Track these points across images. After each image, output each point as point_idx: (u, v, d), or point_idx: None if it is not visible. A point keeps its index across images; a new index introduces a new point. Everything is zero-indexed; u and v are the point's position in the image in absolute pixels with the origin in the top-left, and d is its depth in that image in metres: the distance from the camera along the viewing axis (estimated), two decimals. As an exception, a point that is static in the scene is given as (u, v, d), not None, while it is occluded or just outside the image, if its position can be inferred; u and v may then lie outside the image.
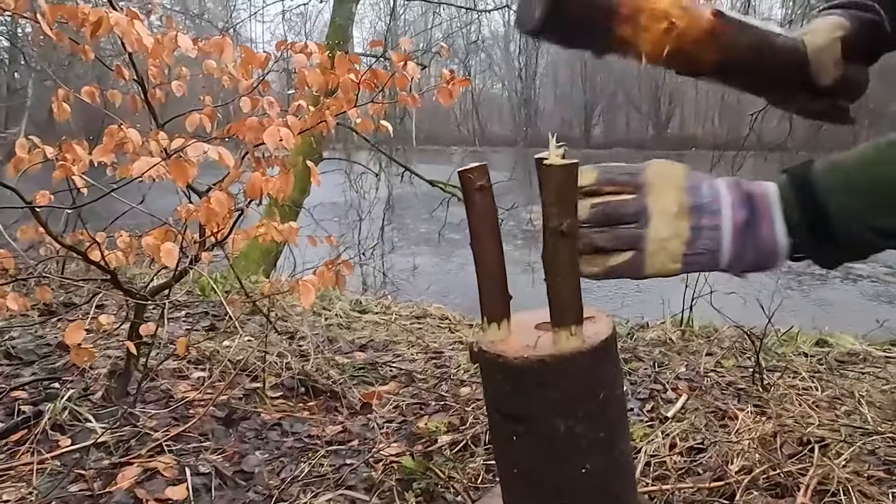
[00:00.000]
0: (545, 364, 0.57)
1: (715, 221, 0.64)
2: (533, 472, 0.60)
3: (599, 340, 0.59)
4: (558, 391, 0.57)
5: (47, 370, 2.21)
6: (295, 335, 2.95)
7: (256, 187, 1.67)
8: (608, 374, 0.60)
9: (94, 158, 1.57)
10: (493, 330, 0.62)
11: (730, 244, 0.64)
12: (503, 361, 0.58)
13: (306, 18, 15.75)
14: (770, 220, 0.64)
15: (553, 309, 0.59)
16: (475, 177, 0.61)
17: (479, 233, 0.62)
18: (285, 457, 1.76)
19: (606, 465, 0.59)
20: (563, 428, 0.56)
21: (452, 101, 2.03)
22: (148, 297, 1.78)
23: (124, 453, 1.68)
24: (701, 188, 0.65)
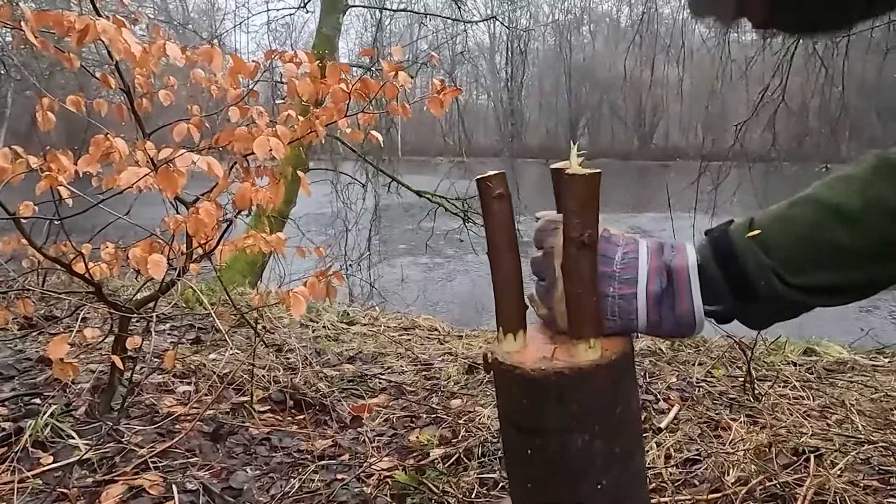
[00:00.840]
0: (563, 376, 0.55)
1: (627, 290, 0.63)
2: (547, 488, 0.58)
3: (617, 354, 0.58)
4: (576, 405, 0.55)
5: (28, 385, 2.16)
6: (283, 347, 2.91)
7: (246, 198, 1.64)
8: (625, 387, 0.59)
9: (79, 169, 1.54)
10: (509, 341, 0.60)
11: (644, 313, 0.63)
12: (520, 373, 0.56)
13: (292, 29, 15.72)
14: (688, 291, 0.63)
15: (572, 321, 0.57)
16: (493, 185, 0.60)
17: (496, 242, 0.61)
18: (275, 472, 1.72)
19: (621, 480, 0.58)
20: (580, 442, 0.55)
21: (443, 111, 2.03)
22: (133, 310, 1.74)
23: (109, 471, 1.63)
24: (614, 256, 0.64)
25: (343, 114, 1.89)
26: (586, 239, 0.55)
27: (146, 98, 1.87)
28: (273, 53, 2.06)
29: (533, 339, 0.62)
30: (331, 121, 1.89)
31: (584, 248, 0.56)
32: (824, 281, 0.60)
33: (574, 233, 0.55)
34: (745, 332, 2.64)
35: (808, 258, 0.60)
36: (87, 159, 1.51)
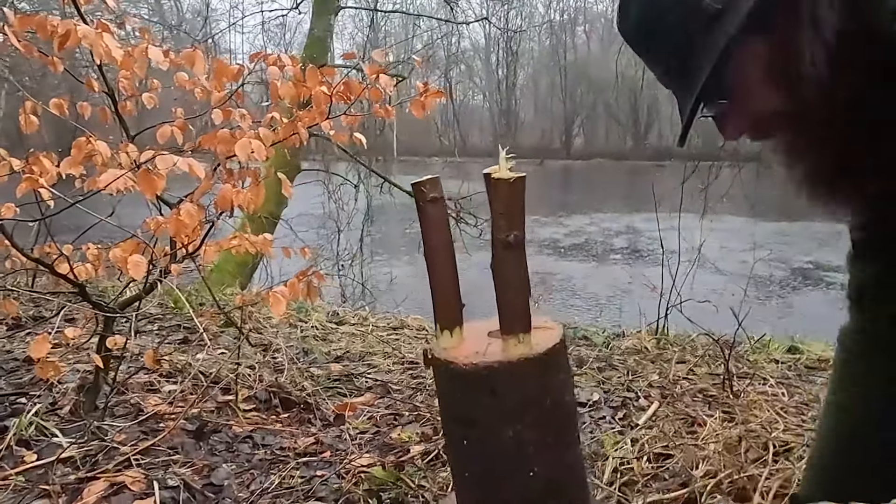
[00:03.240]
0: (493, 370, 0.58)
1: None
2: (482, 476, 0.61)
3: (547, 348, 0.61)
4: (506, 397, 0.58)
5: (14, 385, 2.18)
6: (269, 347, 2.93)
7: (227, 199, 1.67)
8: (555, 380, 0.62)
9: (62, 171, 1.56)
10: (445, 337, 0.63)
11: None
12: (454, 367, 0.59)
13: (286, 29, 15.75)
14: None
15: (502, 318, 0.60)
16: (428, 189, 0.63)
17: (432, 243, 0.63)
18: (255, 469, 1.75)
19: (555, 468, 0.61)
20: (512, 433, 0.57)
21: (425, 113, 2.05)
22: (116, 310, 1.76)
23: (91, 468, 1.65)
24: None
25: (325, 116, 1.92)
26: (511, 240, 0.58)
27: (130, 101, 1.89)
28: (258, 56, 2.08)
29: (470, 334, 0.64)
30: (313, 123, 1.91)
31: (510, 249, 0.58)
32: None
33: (500, 234, 0.58)
34: (726, 330, 2.67)
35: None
36: (70, 161, 1.53)
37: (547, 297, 7.17)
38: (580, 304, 7.47)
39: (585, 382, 2.41)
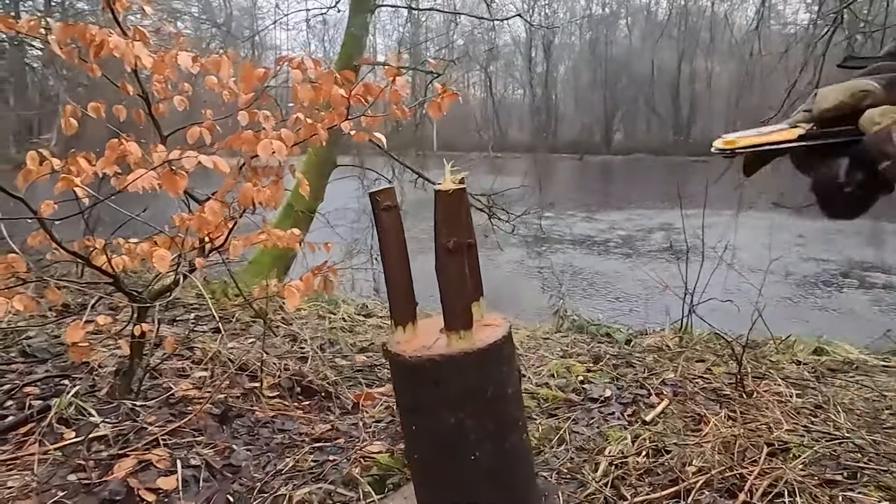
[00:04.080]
0: (436, 363, 0.64)
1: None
2: (428, 460, 0.68)
3: (488, 343, 0.67)
4: (447, 387, 0.64)
5: (59, 368, 2.34)
6: (297, 338, 3.05)
7: (248, 197, 1.77)
8: (496, 373, 0.67)
9: (97, 170, 1.68)
10: (399, 332, 0.70)
11: None
12: (402, 360, 0.66)
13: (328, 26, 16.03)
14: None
15: (445, 316, 0.66)
16: (382, 198, 0.69)
17: (387, 248, 0.70)
18: (272, 452, 1.85)
19: (496, 455, 0.66)
20: (454, 420, 0.63)
21: (441, 114, 2.11)
22: (147, 300, 1.89)
23: (122, 446, 1.78)
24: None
25: (343, 117, 2.00)
26: (451, 245, 0.64)
27: (162, 103, 2.01)
28: (283, 59, 2.18)
29: (424, 330, 0.71)
30: (332, 124, 1.99)
31: (451, 254, 0.64)
32: None
33: (442, 239, 0.64)
34: (741, 331, 2.65)
35: None
36: (104, 161, 1.65)
37: (574, 292, 7.15)
38: (608, 301, 7.42)
39: (600, 379, 2.44)
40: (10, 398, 2.03)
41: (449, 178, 0.65)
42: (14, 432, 1.82)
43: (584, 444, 1.79)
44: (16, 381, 2.17)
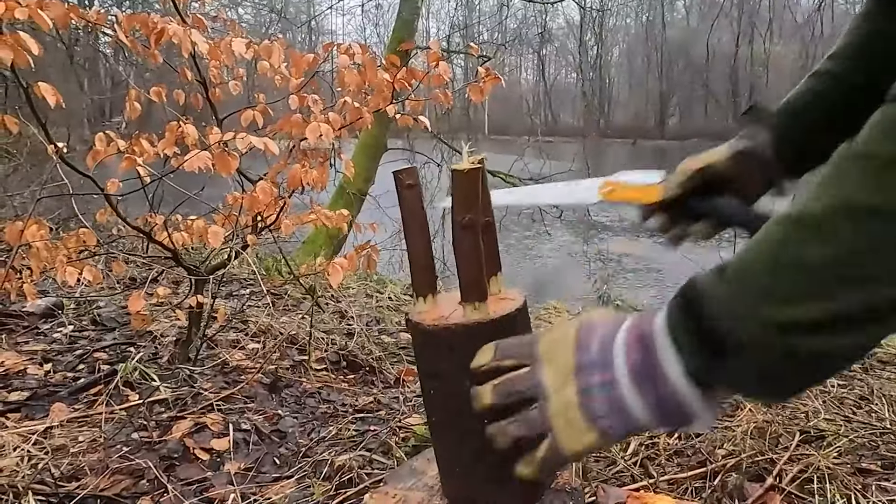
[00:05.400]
0: (451, 330, 0.69)
1: (606, 375, 0.54)
2: (445, 421, 0.73)
3: (501, 315, 0.71)
4: (462, 353, 0.69)
5: (125, 336, 2.52)
6: (345, 315, 3.17)
7: (296, 178, 1.85)
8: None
9: (158, 151, 1.80)
10: (420, 303, 0.75)
11: (632, 394, 0.53)
12: (422, 328, 0.71)
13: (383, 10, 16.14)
14: (658, 360, 0.52)
15: (461, 288, 0.71)
16: (404, 177, 0.75)
17: (408, 224, 0.75)
18: (317, 420, 1.95)
19: None
20: (468, 384, 0.69)
21: (483, 98, 2.15)
22: (203, 274, 2.01)
23: (181, 409, 1.92)
24: (591, 344, 0.56)
25: (388, 101, 2.06)
26: (465, 222, 0.69)
27: (218, 88, 2.12)
28: (330, 45, 2.26)
29: (444, 302, 0.76)
30: (378, 108, 2.06)
31: (465, 230, 0.69)
32: (803, 315, 0.46)
33: (457, 216, 0.69)
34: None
35: (780, 286, 0.47)
36: (164, 143, 1.77)
37: (618, 278, 7.05)
38: (656, 288, 7.30)
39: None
40: (81, 362, 2.21)
41: (467, 159, 0.70)
42: (85, 393, 1.99)
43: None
44: (87, 346, 2.35)
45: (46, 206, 4.25)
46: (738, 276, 0.49)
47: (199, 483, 1.57)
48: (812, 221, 0.47)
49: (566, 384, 0.56)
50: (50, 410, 1.82)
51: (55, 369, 2.14)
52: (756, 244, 0.50)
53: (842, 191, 0.46)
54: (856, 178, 0.46)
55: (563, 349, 0.58)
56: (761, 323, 0.46)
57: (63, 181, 1.92)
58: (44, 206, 4.18)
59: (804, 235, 0.47)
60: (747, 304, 0.47)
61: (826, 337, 0.46)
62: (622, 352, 0.54)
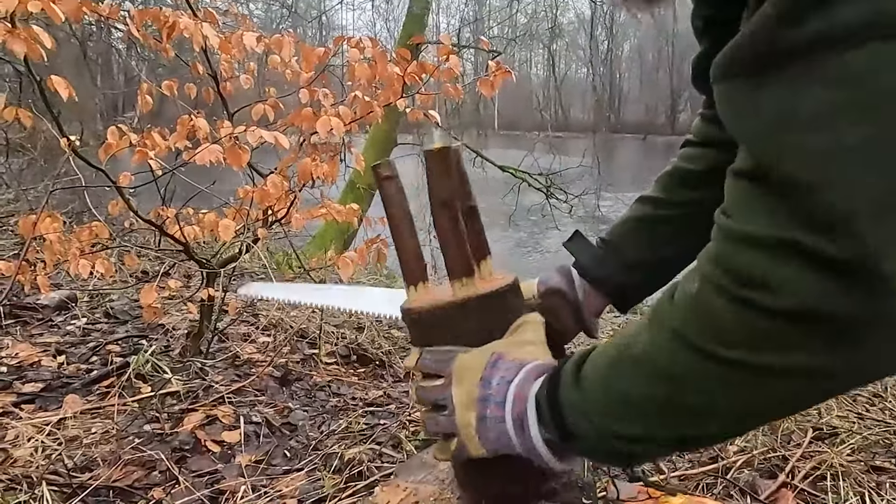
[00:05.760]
0: (442, 309, 0.70)
1: (499, 413, 0.65)
2: None
3: (490, 290, 0.72)
4: (455, 333, 0.70)
5: (138, 328, 2.54)
6: (355, 309, 3.18)
7: (306, 172, 1.86)
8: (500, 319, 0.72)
9: (170, 144, 1.81)
10: (412, 291, 0.75)
11: (514, 434, 0.64)
12: (412, 312, 0.72)
13: (393, 5, 16.11)
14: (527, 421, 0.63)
15: (447, 267, 0.72)
16: (381, 169, 0.75)
17: (392, 214, 0.75)
18: (327, 414, 1.96)
19: None
20: None
21: (494, 92, 2.14)
22: (215, 267, 2.02)
23: (192, 401, 1.93)
24: (492, 380, 0.66)
25: (399, 95, 2.05)
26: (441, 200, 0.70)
27: (229, 82, 2.13)
28: (341, 39, 2.25)
29: (434, 290, 0.76)
30: (387, 102, 2.05)
31: (442, 206, 0.70)
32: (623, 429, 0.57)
33: (432, 196, 0.70)
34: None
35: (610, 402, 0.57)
36: (176, 136, 1.77)
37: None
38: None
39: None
40: (94, 354, 2.23)
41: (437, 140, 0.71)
42: (98, 385, 2.01)
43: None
44: (100, 339, 2.37)
45: (60, 200, 4.29)
46: (586, 384, 0.59)
47: (210, 475, 1.58)
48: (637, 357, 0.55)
49: (469, 407, 0.67)
50: (63, 402, 1.84)
51: (69, 361, 2.16)
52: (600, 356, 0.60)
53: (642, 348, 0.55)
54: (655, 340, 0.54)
55: (471, 376, 0.68)
56: (595, 428, 0.58)
57: (76, 175, 1.93)
58: (57, 200, 4.22)
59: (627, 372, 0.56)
60: (588, 409, 0.59)
61: (643, 446, 0.58)
62: (511, 398, 0.65)
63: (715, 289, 0.48)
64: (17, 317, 2.50)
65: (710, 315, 0.49)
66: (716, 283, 0.48)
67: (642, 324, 0.57)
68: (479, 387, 0.66)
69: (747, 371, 0.48)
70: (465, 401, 0.67)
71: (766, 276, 0.45)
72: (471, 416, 0.66)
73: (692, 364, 0.50)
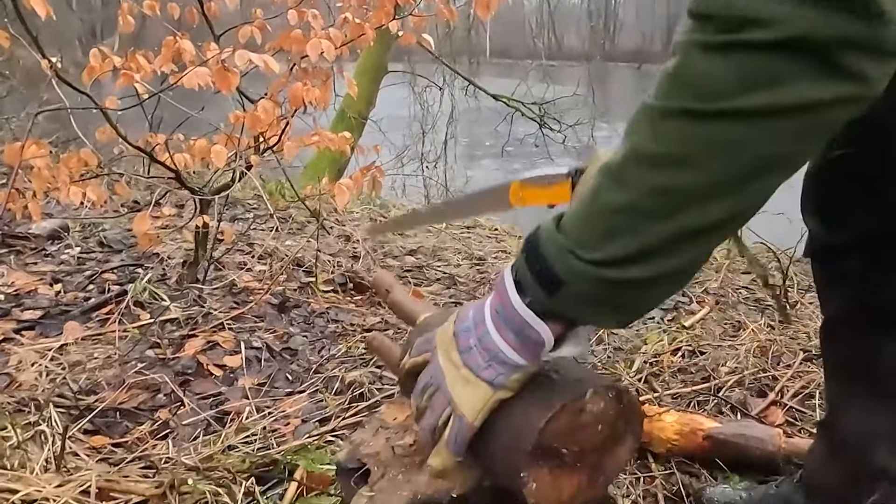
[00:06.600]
0: None
1: (479, 329, 0.63)
2: None
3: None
4: None
5: (132, 257, 2.53)
6: (350, 238, 3.18)
7: (298, 97, 1.81)
8: None
9: (155, 67, 1.75)
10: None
11: (498, 337, 0.61)
12: None
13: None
14: (507, 297, 0.61)
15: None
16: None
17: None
18: (326, 339, 1.99)
19: None
20: None
21: (490, 14, 2.06)
22: (208, 195, 2.00)
23: (192, 328, 1.95)
24: (467, 315, 0.66)
25: (391, 17, 1.98)
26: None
27: (214, 3, 2.03)
28: (331, -45, 2.14)
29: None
30: (379, 24, 1.98)
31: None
32: (615, 251, 0.54)
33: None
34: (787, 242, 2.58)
35: (595, 229, 0.55)
36: (161, 59, 1.71)
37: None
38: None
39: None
40: (91, 283, 2.23)
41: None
42: (97, 312, 2.02)
43: (621, 344, 1.85)
44: (95, 267, 2.37)
45: (44, 130, 4.18)
46: (567, 223, 0.57)
47: (214, 397, 1.62)
48: (613, 171, 0.54)
49: (450, 352, 0.64)
50: (64, 329, 1.86)
51: (65, 289, 2.17)
52: (581, 195, 0.58)
53: (632, 142, 0.54)
54: (641, 130, 0.53)
55: (446, 331, 0.67)
56: (582, 262, 0.55)
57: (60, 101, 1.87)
58: (41, 130, 4.11)
59: (608, 184, 0.55)
60: (567, 244, 0.56)
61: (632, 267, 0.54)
62: (488, 307, 0.63)
63: (701, 45, 0.49)
64: (10, 246, 2.49)
65: (698, 74, 0.49)
66: (701, 40, 0.49)
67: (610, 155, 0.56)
68: (455, 326, 0.66)
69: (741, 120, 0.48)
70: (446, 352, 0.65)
71: (760, 11, 0.45)
72: (455, 359, 0.64)
73: (684, 133, 0.50)
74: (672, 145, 0.51)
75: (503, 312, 0.61)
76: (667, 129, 0.51)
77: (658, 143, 0.51)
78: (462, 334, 0.64)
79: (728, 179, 0.50)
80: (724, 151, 0.49)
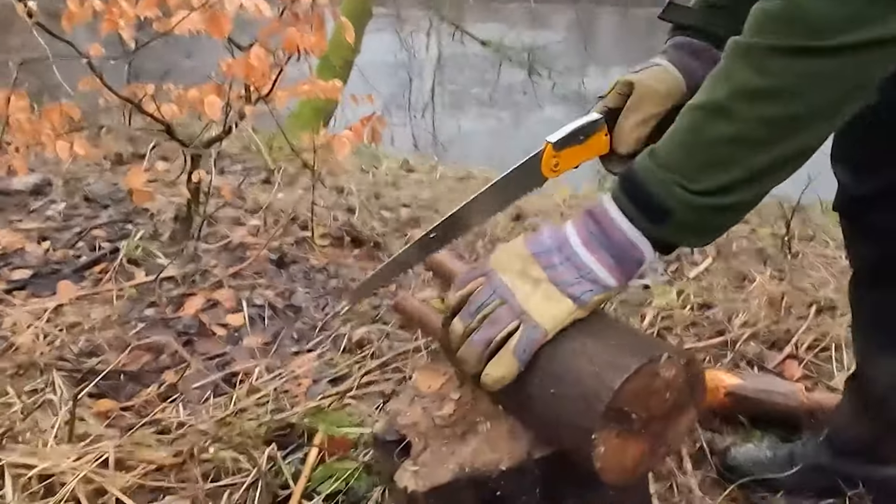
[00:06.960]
0: None
1: (565, 251, 0.66)
2: None
3: None
4: None
5: (121, 213, 2.45)
6: (343, 190, 3.10)
7: (292, 42, 1.71)
8: None
9: (138, 12, 1.63)
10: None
11: (591, 259, 0.65)
12: None
13: None
14: (610, 221, 0.65)
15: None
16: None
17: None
18: (329, 295, 1.96)
19: None
20: None
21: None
22: (199, 147, 1.91)
23: (190, 286, 1.90)
24: (542, 238, 0.68)
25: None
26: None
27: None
28: None
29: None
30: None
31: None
32: (721, 180, 0.60)
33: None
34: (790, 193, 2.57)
35: (700, 161, 0.61)
36: (144, 4, 1.60)
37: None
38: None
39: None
40: (80, 240, 2.16)
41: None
42: (89, 270, 1.96)
43: (628, 297, 1.84)
44: (83, 224, 2.28)
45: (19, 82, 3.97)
46: (664, 157, 0.63)
47: (220, 357, 1.59)
48: (715, 106, 0.60)
49: (528, 271, 0.67)
50: (57, 288, 1.80)
51: (54, 247, 2.09)
52: (674, 131, 0.64)
53: (735, 79, 0.59)
54: (745, 67, 0.59)
55: (512, 252, 0.69)
56: (692, 192, 0.61)
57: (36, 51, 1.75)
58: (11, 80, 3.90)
59: (712, 118, 0.60)
60: (673, 178, 0.61)
61: (736, 193, 0.61)
62: (573, 232, 0.67)
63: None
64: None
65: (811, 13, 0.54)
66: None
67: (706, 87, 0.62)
68: (529, 247, 0.68)
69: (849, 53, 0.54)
70: (519, 271, 0.67)
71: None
72: (536, 275, 0.66)
73: (792, 67, 0.56)
74: (779, 79, 0.57)
75: (599, 235, 0.65)
76: (774, 64, 0.57)
77: (764, 77, 0.57)
78: (543, 255, 0.67)
79: (825, 108, 0.58)
80: (830, 82, 0.56)
